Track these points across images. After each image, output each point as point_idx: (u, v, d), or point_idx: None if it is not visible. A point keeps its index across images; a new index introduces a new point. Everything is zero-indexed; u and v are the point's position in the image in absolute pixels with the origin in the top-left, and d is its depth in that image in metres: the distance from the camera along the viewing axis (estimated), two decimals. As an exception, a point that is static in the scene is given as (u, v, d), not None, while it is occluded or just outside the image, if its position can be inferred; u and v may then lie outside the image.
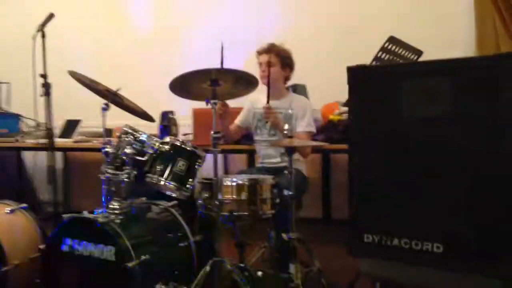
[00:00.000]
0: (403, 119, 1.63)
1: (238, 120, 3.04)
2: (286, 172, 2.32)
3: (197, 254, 2.30)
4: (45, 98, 2.79)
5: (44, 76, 2.74)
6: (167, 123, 3.50)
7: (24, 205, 2.50)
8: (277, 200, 2.32)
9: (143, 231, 2.22)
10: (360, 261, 1.78)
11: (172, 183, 2.24)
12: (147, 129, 2.54)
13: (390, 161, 1.67)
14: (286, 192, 2.30)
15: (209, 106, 2.15)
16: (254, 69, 2.66)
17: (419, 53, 2.13)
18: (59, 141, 3.68)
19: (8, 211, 2.39)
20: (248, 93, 2.30)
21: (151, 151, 2.27)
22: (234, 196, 2.24)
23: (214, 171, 2.13)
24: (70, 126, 3.94)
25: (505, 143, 1.42)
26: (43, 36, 2.76)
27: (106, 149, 2.21)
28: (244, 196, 2.24)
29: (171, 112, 3.52)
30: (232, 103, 2.75)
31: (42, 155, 4.40)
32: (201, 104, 2.92)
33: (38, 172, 4.42)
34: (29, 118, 4.29)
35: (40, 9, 2.98)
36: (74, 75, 2.48)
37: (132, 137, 2.30)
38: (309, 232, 2.55)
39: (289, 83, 3.09)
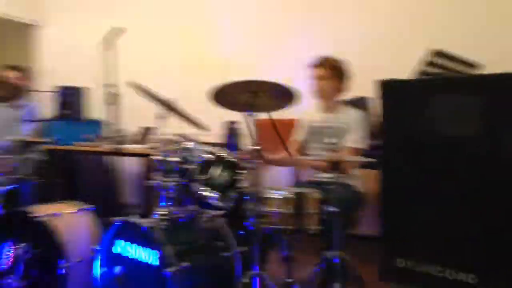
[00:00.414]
0: (436, 137, 1.53)
1: (298, 136, 3.03)
2: (331, 187, 2.28)
3: (242, 265, 2.32)
4: (116, 106, 3.02)
5: (112, 85, 2.96)
6: (233, 133, 3.60)
7: (91, 206, 2.70)
8: (324, 216, 2.28)
9: (187, 238, 2.30)
10: (392, 286, 1.69)
11: (215, 193, 2.29)
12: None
13: (425, 183, 1.57)
14: (331, 208, 2.26)
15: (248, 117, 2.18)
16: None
17: (472, 66, 1.97)
18: (134, 147, 3.93)
19: (75, 211, 2.60)
20: (289, 106, 2.29)
21: (197, 161, 2.34)
22: (279, 209, 2.24)
23: (256, 184, 2.15)
24: (146, 133, 4.17)
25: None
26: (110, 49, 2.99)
27: (157, 157, 2.32)
28: (289, 209, 2.23)
29: (235, 123, 3.61)
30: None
31: (125, 159, 4.74)
32: (263, 115, 3.03)
33: (121, 175, 4.75)
34: (110, 124, 4.64)
35: (114, 23, 3.21)
36: (133, 85, 2.64)
37: (180, 146, 2.39)
38: (366, 251, 2.46)
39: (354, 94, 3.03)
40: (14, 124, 3.80)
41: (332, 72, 2.76)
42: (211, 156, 2.34)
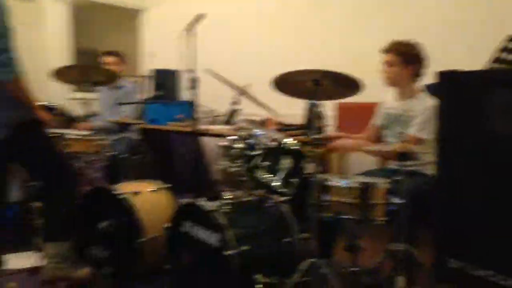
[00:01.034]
0: (495, 135, 1.38)
1: (376, 121, 2.92)
2: (399, 178, 2.18)
3: (303, 252, 2.33)
4: (195, 90, 3.15)
5: (192, 71, 3.08)
6: (312, 115, 3.54)
7: (169, 185, 2.88)
8: (391, 207, 2.20)
9: (249, 222, 2.35)
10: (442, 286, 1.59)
11: (278, 180, 2.30)
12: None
13: (482, 184, 1.43)
14: (397, 200, 2.16)
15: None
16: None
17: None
18: (220, 128, 4.05)
19: (153, 189, 2.79)
20: (352, 95, 2.21)
21: (261, 147, 2.36)
22: (343, 199, 2.20)
23: (315, 172, 2.12)
24: (232, 114, 4.27)
25: None
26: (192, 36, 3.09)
27: (223, 143, 2.39)
28: (353, 199, 2.18)
29: (316, 105, 3.54)
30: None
31: (213, 139, 4.90)
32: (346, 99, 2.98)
33: (210, 154, 4.94)
34: (202, 105, 4.83)
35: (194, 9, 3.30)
36: (210, 72, 2.74)
37: (246, 132, 2.43)
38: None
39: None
40: (113, 106, 4.14)
41: (401, 58, 2.60)
42: (273, 143, 2.35)
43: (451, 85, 1.49)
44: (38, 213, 2.77)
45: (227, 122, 4.31)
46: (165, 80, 4.73)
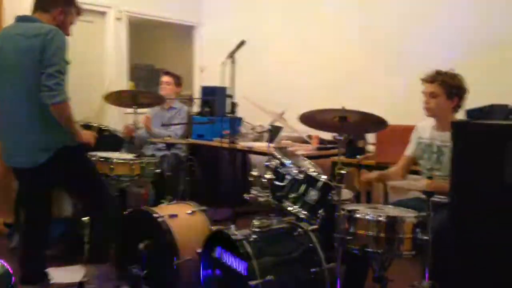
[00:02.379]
0: (505, 186, 1.36)
1: (409, 151, 2.88)
2: (426, 213, 2.15)
3: (330, 282, 2.35)
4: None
5: (230, 96, 3.19)
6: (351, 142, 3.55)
7: (204, 207, 2.99)
8: (418, 242, 2.18)
9: (277, 251, 2.39)
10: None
11: (303, 212, 2.34)
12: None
13: (491, 233, 1.41)
14: (424, 236, 2.14)
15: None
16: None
17: None
18: (260, 145, 4.14)
19: (189, 212, 2.91)
20: (378, 131, 2.21)
21: (289, 178, 2.41)
22: (369, 232, 2.20)
23: (338, 206, 2.15)
24: (274, 132, 4.35)
25: None
26: (233, 62, 3.19)
27: (252, 173, 2.46)
28: (379, 233, 2.19)
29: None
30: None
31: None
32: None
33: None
34: (247, 122, 4.94)
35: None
36: (246, 98, 2.83)
37: (278, 161, 2.48)
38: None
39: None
40: (164, 125, 4.32)
41: (445, 89, 2.55)
42: (300, 175, 2.39)
43: (462, 135, 1.48)
44: (87, 228, 2.98)
45: (270, 140, 4.40)
46: (212, 96, 4.88)
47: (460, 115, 3.09)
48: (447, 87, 2.57)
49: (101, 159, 2.98)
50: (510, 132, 1.40)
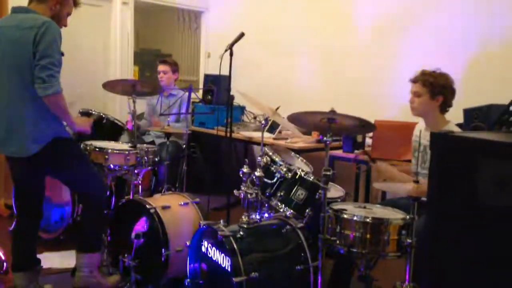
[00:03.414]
0: (478, 205, 1.35)
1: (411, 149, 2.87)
2: (412, 216, 2.15)
3: (315, 280, 2.37)
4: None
5: (228, 90, 3.19)
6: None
7: (197, 200, 3.01)
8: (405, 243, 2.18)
9: (263, 248, 2.41)
10: None
11: (290, 210, 2.35)
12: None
13: (465, 251, 1.41)
14: (405, 238, 2.15)
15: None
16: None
17: None
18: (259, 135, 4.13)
19: (182, 204, 2.94)
20: (366, 133, 2.20)
21: (278, 176, 2.41)
22: (355, 233, 2.21)
23: (323, 207, 2.15)
24: (275, 123, 4.33)
25: None
26: (231, 54, 3.18)
27: (243, 170, 2.47)
28: (364, 234, 2.19)
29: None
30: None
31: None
32: (381, 116, 2.89)
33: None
34: (250, 112, 4.94)
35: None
36: (240, 93, 2.83)
37: (269, 159, 2.49)
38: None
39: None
40: (162, 114, 4.32)
41: (428, 88, 2.53)
42: (289, 173, 2.39)
43: (443, 147, 1.46)
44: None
45: (269, 130, 4.39)
46: (214, 84, 4.87)
47: (459, 114, 3.07)
48: (429, 86, 2.57)
49: (96, 149, 3.01)
50: (483, 146, 1.37)
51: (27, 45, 2.38)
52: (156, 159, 3.54)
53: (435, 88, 2.55)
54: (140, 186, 3.47)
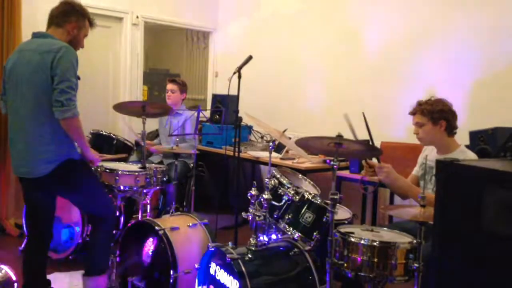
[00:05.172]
0: (484, 233, 1.37)
1: (414, 171, 2.91)
2: (416, 240, 2.16)
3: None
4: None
5: (236, 111, 3.24)
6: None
7: (206, 221, 3.04)
8: (413, 267, 2.19)
9: (271, 271, 2.43)
10: None
11: (297, 233, 2.37)
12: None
13: (470, 276, 1.42)
14: (412, 263, 2.16)
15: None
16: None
17: None
18: (267, 155, 4.16)
19: (190, 225, 2.97)
20: (373, 157, 2.22)
21: (285, 198, 2.44)
22: (362, 257, 2.22)
23: (331, 230, 2.17)
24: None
25: None
26: (239, 76, 3.23)
27: (252, 192, 2.49)
28: (371, 258, 2.21)
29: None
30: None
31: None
32: (389, 137, 2.88)
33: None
34: (257, 131, 4.98)
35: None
36: (248, 116, 2.87)
37: (277, 181, 2.51)
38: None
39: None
40: (171, 135, 4.38)
41: (426, 117, 2.59)
42: (297, 196, 2.41)
43: (448, 175, 1.49)
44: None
45: (277, 150, 4.41)
46: (222, 104, 4.92)
47: (466, 136, 3.09)
48: (429, 114, 2.60)
49: (107, 170, 3.05)
50: (488, 175, 1.39)
51: (44, 68, 2.45)
52: (165, 178, 3.59)
53: (434, 114, 2.58)
54: (148, 206, 3.52)
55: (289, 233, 2.40)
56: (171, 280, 2.70)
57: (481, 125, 3.05)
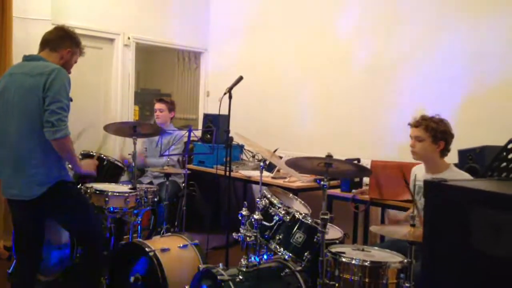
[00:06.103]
0: (473, 253, 1.37)
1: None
2: (407, 260, 2.17)
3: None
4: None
5: (227, 131, 3.25)
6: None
7: (196, 241, 3.02)
8: (404, 286, 2.19)
9: (262, 292, 2.42)
10: None
11: (288, 253, 2.36)
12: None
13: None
14: (403, 282, 2.16)
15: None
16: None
17: None
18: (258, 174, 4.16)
19: (181, 246, 2.95)
20: (363, 176, 2.24)
21: (276, 219, 2.44)
22: (354, 277, 2.22)
23: (321, 251, 2.17)
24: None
25: None
26: (230, 97, 3.24)
27: (242, 213, 2.49)
28: (363, 278, 2.21)
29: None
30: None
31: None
32: (379, 156, 2.92)
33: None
34: (248, 150, 4.99)
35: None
36: (239, 135, 2.88)
37: (268, 201, 2.52)
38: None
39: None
40: (162, 151, 4.38)
41: (428, 133, 2.59)
42: (288, 216, 2.42)
43: (436, 195, 1.50)
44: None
45: (268, 169, 4.42)
46: (213, 123, 4.94)
47: (454, 155, 3.12)
48: (432, 131, 2.61)
49: (97, 192, 3.04)
50: (476, 196, 1.41)
51: (37, 90, 2.47)
52: (155, 199, 3.57)
53: (438, 133, 2.60)
54: (139, 226, 3.50)
55: (280, 253, 2.40)
56: (162, 302, 2.68)
57: (469, 144, 3.08)
